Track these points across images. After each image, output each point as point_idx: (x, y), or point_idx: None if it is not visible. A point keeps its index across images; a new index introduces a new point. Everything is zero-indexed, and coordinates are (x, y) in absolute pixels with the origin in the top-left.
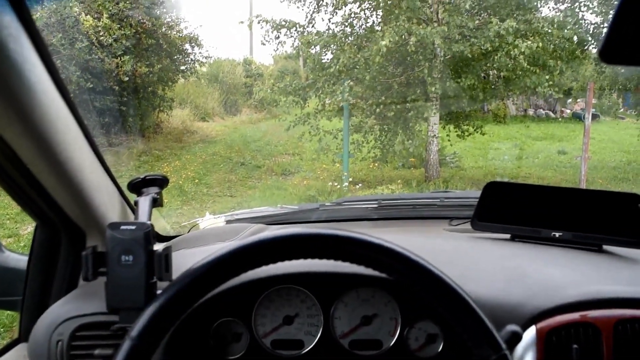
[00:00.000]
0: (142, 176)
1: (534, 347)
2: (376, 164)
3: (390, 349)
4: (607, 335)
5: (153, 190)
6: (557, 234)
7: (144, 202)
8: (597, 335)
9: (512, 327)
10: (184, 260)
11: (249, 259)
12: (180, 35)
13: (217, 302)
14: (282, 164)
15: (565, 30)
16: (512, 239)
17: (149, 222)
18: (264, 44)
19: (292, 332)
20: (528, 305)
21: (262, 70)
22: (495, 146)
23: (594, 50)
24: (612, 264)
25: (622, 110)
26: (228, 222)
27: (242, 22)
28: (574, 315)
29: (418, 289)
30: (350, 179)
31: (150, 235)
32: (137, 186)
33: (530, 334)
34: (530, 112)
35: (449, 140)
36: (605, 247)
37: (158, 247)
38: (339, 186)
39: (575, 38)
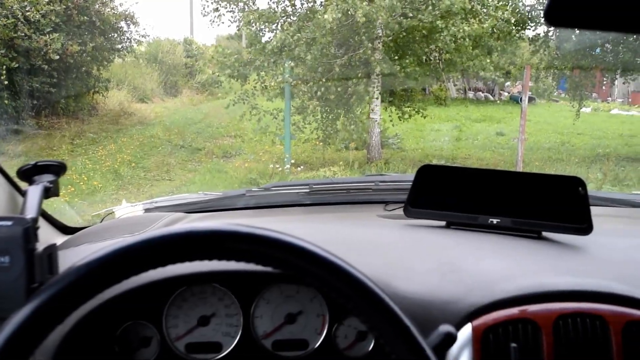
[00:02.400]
0: (33, 162)
1: (469, 347)
2: (320, 143)
3: (317, 349)
4: (547, 332)
5: (46, 178)
6: (494, 221)
7: (34, 192)
8: (536, 332)
9: (445, 328)
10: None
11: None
12: (115, 12)
13: (122, 304)
14: (224, 146)
15: (505, 13)
16: (448, 226)
17: (30, 216)
18: (204, 15)
19: (208, 333)
20: (463, 302)
21: (203, 50)
22: (436, 128)
23: (530, 33)
24: (553, 253)
25: (556, 93)
26: (147, 210)
27: None
28: (512, 311)
29: (321, 287)
30: (293, 161)
31: (31, 231)
32: (28, 174)
33: (465, 332)
34: (470, 94)
35: (391, 122)
36: (545, 233)
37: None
38: (280, 168)
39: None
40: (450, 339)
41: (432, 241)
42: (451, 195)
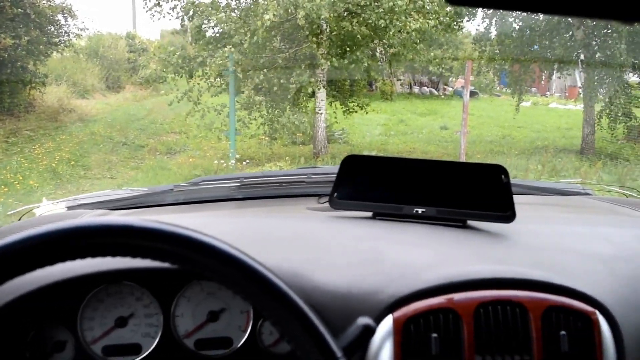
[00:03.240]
0: None
1: (391, 339)
2: (266, 138)
3: (242, 346)
4: (467, 321)
5: None
6: (419, 211)
7: None
8: (457, 321)
9: (363, 320)
10: None
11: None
12: (52, 4)
13: (31, 306)
14: (167, 142)
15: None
16: (374, 217)
17: None
18: (146, 10)
19: (126, 335)
20: (384, 293)
21: (146, 45)
22: (382, 122)
23: (472, 30)
24: (476, 241)
25: (498, 88)
26: (69, 208)
27: None
28: (433, 301)
29: (220, 280)
30: (238, 157)
31: None
32: None
33: (386, 324)
34: (416, 89)
35: (335, 118)
36: (470, 222)
37: None
38: (225, 164)
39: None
40: (369, 331)
41: (356, 232)
42: (377, 185)
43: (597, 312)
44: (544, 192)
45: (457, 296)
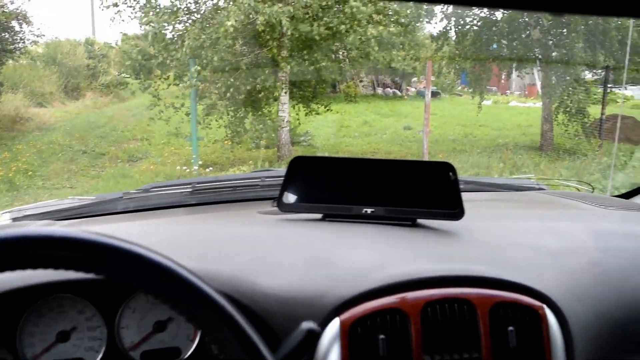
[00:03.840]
0: None
1: (338, 342)
2: (228, 143)
3: (191, 356)
4: (415, 320)
5: None
6: (369, 211)
7: None
8: (405, 321)
9: (307, 325)
10: None
11: None
12: (5, 11)
13: None
14: (129, 150)
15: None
16: (324, 219)
17: None
18: (102, 10)
19: (69, 350)
20: (330, 295)
21: (106, 51)
22: (346, 124)
23: (430, 28)
24: (425, 240)
25: (460, 88)
26: (14, 219)
27: None
28: (380, 302)
29: (146, 289)
30: (201, 162)
31: None
32: None
33: (333, 327)
34: (379, 90)
35: (297, 120)
36: (420, 221)
37: None
38: (188, 170)
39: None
40: (313, 336)
41: (305, 235)
42: (325, 186)
43: (544, 306)
44: (498, 189)
45: (404, 296)
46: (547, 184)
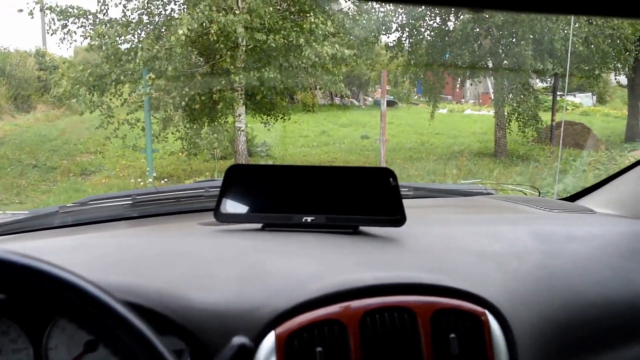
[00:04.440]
0: None
1: (274, 357)
2: (183, 155)
3: None
4: (353, 331)
5: None
6: (309, 219)
7: None
8: (343, 332)
9: (238, 340)
10: None
11: None
12: None
13: None
14: (82, 163)
15: (360, 27)
16: (263, 228)
17: None
18: (51, 34)
19: None
20: (265, 308)
21: (57, 62)
22: (304, 134)
23: (385, 38)
24: (365, 247)
25: (416, 97)
26: None
27: (21, 10)
28: (317, 313)
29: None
30: (156, 174)
31: None
32: None
33: (269, 341)
34: (337, 100)
35: (252, 131)
36: (362, 228)
37: None
38: (142, 182)
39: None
40: (245, 351)
41: (242, 246)
42: (265, 195)
43: (486, 312)
44: (445, 194)
45: (342, 306)
46: (495, 188)
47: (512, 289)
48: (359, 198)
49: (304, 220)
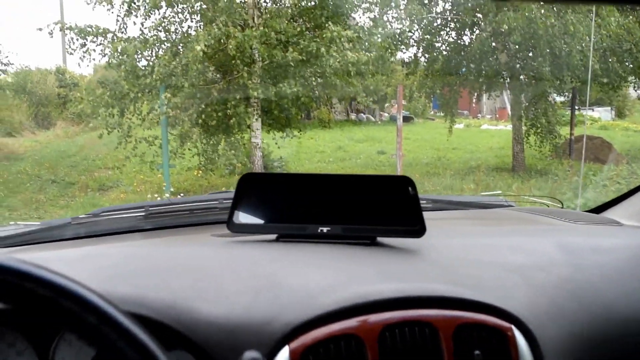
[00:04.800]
0: None
1: None
2: (199, 173)
3: None
4: (371, 346)
5: None
6: (325, 229)
7: None
8: (361, 347)
9: (250, 355)
10: None
11: None
12: None
13: None
14: (100, 179)
15: (377, 37)
16: (278, 239)
17: None
18: (70, 53)
19: None
20: (277, 322)
21: (77, 80)
22: (321, 149)
23: (401, 55)
24: (383, 259)
25: (432, 112)
26: None
27: (40, 29)
28: (334, 327)
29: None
30: (173, 190)
31: None
32: None
33: (282, 357)
34: (353, 116)
35: (276, 144)
36: (380, 239)
37: None
38: (159, 198)
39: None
40: None
41: (256, 257)
42: (279, 205)
43: (513, 327)
44: (464, 207)
45: (360, 320)
46: (515, 200)
47: (538, 302)
48: (377, 208)
49: (319, 230)
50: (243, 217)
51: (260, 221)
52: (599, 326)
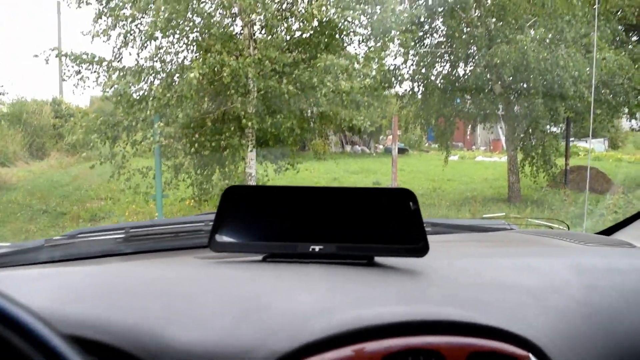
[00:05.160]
0: None
1: None
2: (192, 203)
3: None
4: None
5: None
6: (316, 248)
7: None
8: None
9: None
10: None
11: None
12: None
13: None
14: (92, 209)
15: (373, 71)
16: (265, 259)
17: None
18: (64, 80)
19: None
20: (262, 350)
21: (73, 111)
22: (315, 181)
23: (395, 88)
24: (382, 279)
25: (427, 144)
26: None
27: (36, 56)
28: (326, 357)
29: None
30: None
31: None
32: None
33: None
34: (348, 148)
35: (266, 177)
36: (377, 259)
37: None
38: None
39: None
40: None
41: (239, 278)
42: (266, 220)
43: (530, 355)
44: (466, 230)
45: (355, 349)
46: (518, 224)
47: (554, 327)
48: (374, 224)
49: (311, 249)
50: (227, 235)
51: (246, 239)
52: (618, 352)
